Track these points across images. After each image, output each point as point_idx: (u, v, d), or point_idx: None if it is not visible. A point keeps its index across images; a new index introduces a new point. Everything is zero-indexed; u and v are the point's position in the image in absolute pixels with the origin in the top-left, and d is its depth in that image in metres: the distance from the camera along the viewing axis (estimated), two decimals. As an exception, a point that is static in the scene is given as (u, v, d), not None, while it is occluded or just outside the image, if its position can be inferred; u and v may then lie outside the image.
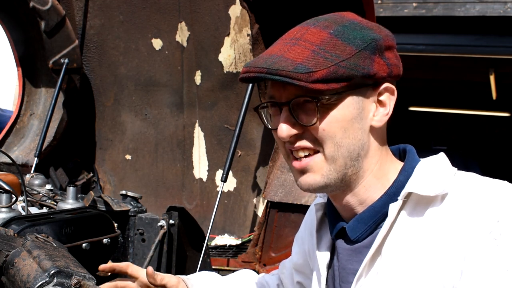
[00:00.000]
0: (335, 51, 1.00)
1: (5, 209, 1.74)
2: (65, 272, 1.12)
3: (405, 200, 1.05)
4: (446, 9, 5.91)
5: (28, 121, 3.56)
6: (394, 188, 1.08)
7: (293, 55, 1.00)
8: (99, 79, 3.51)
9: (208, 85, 3.25)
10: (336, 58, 1.00)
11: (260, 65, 1.01)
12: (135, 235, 2.18)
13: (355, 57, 1.01)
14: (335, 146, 1.04)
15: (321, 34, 1.02)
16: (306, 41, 1.02)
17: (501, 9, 5.71)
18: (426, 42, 6.25)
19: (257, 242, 2.75)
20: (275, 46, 1.05)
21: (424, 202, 1.04)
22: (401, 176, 1.09)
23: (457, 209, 1.00)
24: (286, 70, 0.98)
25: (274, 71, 0.99)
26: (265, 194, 2.71)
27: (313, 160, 1.06)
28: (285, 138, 1.05)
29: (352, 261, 1.12)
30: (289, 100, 1.04)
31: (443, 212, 1.01)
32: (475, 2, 5.80)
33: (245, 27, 3.03)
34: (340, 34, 1.02)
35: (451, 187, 1.02)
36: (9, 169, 2.92)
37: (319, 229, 1.23)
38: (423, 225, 1.02)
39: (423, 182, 1.04)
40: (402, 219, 1.05)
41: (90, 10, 3.38)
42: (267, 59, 1.01)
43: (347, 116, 1.04)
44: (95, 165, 3.60)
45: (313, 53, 1.00)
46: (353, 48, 1.01)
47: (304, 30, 1.05)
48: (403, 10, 6.06)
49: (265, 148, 3.15)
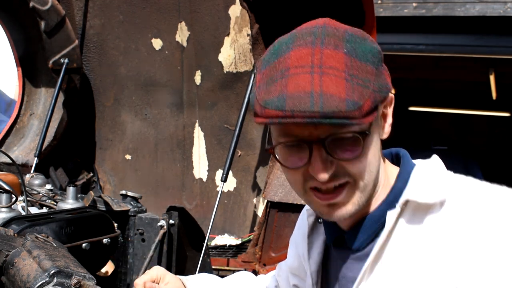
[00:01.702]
0: (362, 74, 0.94)
1: (5, 209, 1.74)
2: (65, 272, 1.13)
3: (403, 207, 1.03)
4: (446, 9, 5.91)
5: (28, 121, 3.56)
6: (392, 195, 1.06)
7: (333, 89, 0.90)
8: (99, 79, 3.51)
9: (208, 85, 3.25)
10: (367, 82, 0.93)
11: (306, 108, 0.89)
12: (135, 235, 2.18)
13: (377, 77, 0.96)
14: (369, 174, 1.00)
15: (339, 56, 0.94)
16: (331, 68, 0.92)
17: (501, 9, 5.71)
18: (426, 42, 6.25)
19: (257, 242, 2.75)
20: (297, 78, 0.93)
21: (423, 209, 1.02)
22: (399, 182, 1.07)
23: (457, 216, 0.97)
24: (341, 111, 0.89)
25: (330, 114, 0.89)
26: (265, 194, 2.71)
27: (347, 193, 1.00)
28: (325, 179, 0.97)
29: (352, 268, 1.10)
30: (322, 138, 0.94)
31: (442, 219, 0.99)
32: (475, 2, 5.80)
33: (245, 27, 3.03)
34: (354, 53, 0.95)
35: (449, 193, 1.00)
36: (9, 169, 2.92)
37: (310, 234, 1.22)
38: (422, 232, 1.01)
39: (421, 188, 1.02)
40: (401, 226, 1.03)
41: (90, 10, 3.38)
42: (310, 99, 0.90)
43: (376, 140, 1.01)
44: (95, 165, 3.60)
45: (348, 81, 0.92)
46: (371, 67, 0.95)
47: (318, 54, 0.94)
48: (403, 10, 6.06)
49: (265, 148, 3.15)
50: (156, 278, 1.24)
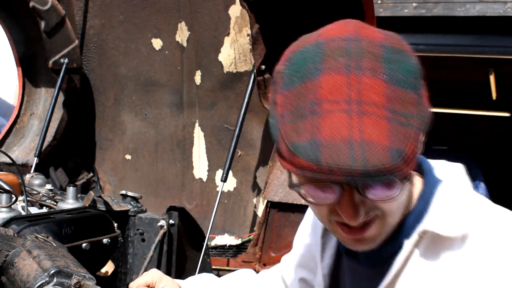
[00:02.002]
0: (404, 108, 0.81)
1: (5, 209, 1.74)
2: (65, 272, 1.12)
3: (421, 235, 0.94)
4: (446, 9, 5.91)
5: (28, 121, 3.56)
6: (411, 220, 0.96)
7: (375, 135, 0.77)
8: (99, 79, 3.51)
9: (208, 85, 3.25)
10: (410, 119, 0.81)
11: (346, 164, 0.76)
12: (135, 235, 2.18)
13: (419, 105, 0.83)
14: (399, 210, 0.92)
15: (378, 86, 0.80)
16: (370, 104, 0.79)
17: (501, 9, 5.71)
18: (426, 42, 6.24)
19: (257, 242, 2.75)
20: (333, 118, 0.79)
21: (442, 241, 0.92)
22: (420, 206, 0.96)
23: (480, 257, 0.88)
24: (386, 167, 0.77)
25: (373, 171, 0.77)
26: (265, 194, 2.70)
27: (373, 228, 0.90)
28: (356, 224, 0.87)
29: (365, 285, 1.04)
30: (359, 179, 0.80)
31: (464, 258, 0.89)
32: (475, 2, 5.80)
33: (245, 27, 3.03)
34: (394, 77, 0.82)
35: (473, 226, 0.90)
36: (9, 169, 2.92)
37: (324, 235, 1.15)
38: (440, 268, 0.92)
39: (442, 218, 0.92)
40: (416, 257, 0.95)
41: (90, 10, 3.38)
42: (349, 151, 0.77)
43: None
44: (95, 165, 3.60)
45: (390, 121, 0.79)
46: (413, 94, 0.82)
47: (355, 84, 0.80)
48: (403, 10, 6.06)
49: (265, 148, 3.15)
50: (152, 282, 1.21)
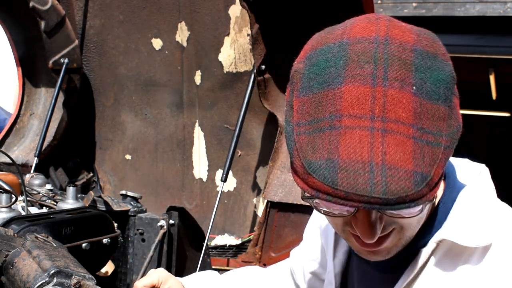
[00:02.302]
0: (433, 124, 0.74)
1: (5, 209, 1.74)
2: (65, 272, 1.12)
3: (439, 243, 0.88)
4: (446, 9, 5.91)
5: (28, 121, 3.56)
6: (429, 226, 0.90)
7: (398, 158, 0.70)
8: (99, 79, 3.51)
9: (208, 85, 3.25)
10: (439, 137, 0.74)
11: (364, 192, 0.70)
12: (135, 235, 2.18)
13: (450, 120, 0.76)
14: (418, 224, 0.86)
15: (406, 100, 0.73)
16: (396, 122, 0.71)
17: (501, 9, 5.71)
18: (426, 42, 6.25)
19: (257, 242, 2.75)
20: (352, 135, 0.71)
21: (461, 250, 0.86)
22: (440, 212, 0.90)
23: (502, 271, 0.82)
24: (408, 195, 0.71)
25: (394, 200, 0.70)
26: (265, 194, 2.70)
27: (389, 240, 0.85)
28: (372, 241, 0.82)
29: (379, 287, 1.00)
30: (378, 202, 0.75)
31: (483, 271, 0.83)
32: (475, 2, 5.80)
33: (245, 27, 3.03)
34: (423, 88, 0.74)
35: (496, 237, 0.84)
36: (9, 169, 2.92)
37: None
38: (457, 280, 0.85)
39: (462, 227, 0.86)
40: (433, 265, 0.89)
41: (90, 10, 3.38)
42: (368, 177, 0.70)
43: None
44: (95, 165, 3.60)
45: (417, 142, 0.72)
46: (444, 108, 0.75)
47: (380, 97, 0.72)
48: (403, 10, 6.06)
49: (265, 148, 3.14)
50: (158, 282, 1.18)
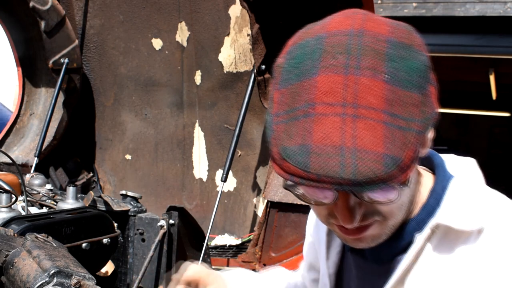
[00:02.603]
0: (405, 110, 0.76)
1: (5, 209, 1.74)
2: (65, 272, 1.12)
3: (434, 229, 0.90)
4: (446, 9, 5.91)
5: (28, 121, 3.56)
6: (423, 214, 0.92)
7: (369, 142, 0.73)
8: (99, 79, 3.51)
9: (208, 85, 3.25)
10: (411, 122, 0.76)
11: (335, 174, 0.73)
12: (135, 235, 2.18)
13: (423, 106, 0.78)
14: (400, 211, 0.88)
15: (377, 88, 0.75)
16: (367, 108, 0.74)
17: (501, 9, 5.71)
18: (426, 42, 6.23)
19: (257, 242, 2.75)
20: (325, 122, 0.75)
21: (456, 235, 0.89)
22: (431, 199, 0.93)
23: (497, 252, 0.84)
24: (378, 176, 0.73)
25: (363, 181, 0.73)
26: (265, 194, 2.70)
27: (372, 229, 0.88)
28: (353, 227, 0.85)
29: (373, 282, 1.00)
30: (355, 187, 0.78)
31: (479, 252, 0.86)
32: (475, 2, 5.80)
33: (245, 27, 3.03)
34: (397, 77, 0.77)
35: (489, 221, 0.87)
36: (9, 169, 2.92)
37: (329, 232, 1.10)
38: (453, 263, 0.88)
39: (456, 211, 0.89)
40: (428, 251, 0.91)
41: (90, 10, 3.38)
42: (339, 160, 0.73)
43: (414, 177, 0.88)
44: (95, 165, 3.60)
45: (388, 127, 0.74)
46: (417, 95, 0.77)
47: (352, 84, 0.75)
48: (403, 10, 6.06)
49: (265, 148, 3.14)
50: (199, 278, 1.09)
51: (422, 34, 0.88)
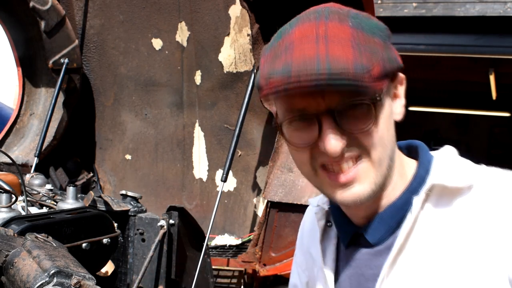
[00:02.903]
0: (370, 44, 0.88)
1: (5, 209, 1.74)
2: (65, 272, 1.12)
3: (429, 193, 0.97)
4: (446, 9, 5.91)
5: (28, 121, 3.56)
6: (415, 183, 1.00)
7: (340, 53, 0.85)
8: (99, 79, 3.51)
9: (208, 85, 3.25)
10: (376, 50, 0.88)
11: (312, 70, 0.83)
12: (135, 235, 2.18)
13: (386, 49, 0.91)
14: (383, 148, 0.94)
15: (344, 28, 0.88)
16: (337, 37, 0.87)
17: (501, 9, 5.71)
18: (426, 42, 6.24)
19: (257, 242, 2.75)
20: (302, 47, 0.87)
21: (449, 193, 0.96)
22: (421, 170, 1.01)
23: (494, 197, 0.93)
24: (350, 72, 0.83)
25: (338, 75, 0.83)
26: (265, 194, 2.70)
27: (361, 169, 0.93)
28: (337, 153, 0.90)
29: (372, 265, 1.02)
30: (331, 109, 0.89)
31: (474, 202, 0.94)
32: (475, 2, 5.80)
33: (245, 27, 3.03)
34: (360, 26, 0.90)
35: (477, 178, 0.96)
36: (9, 169, 2.92)
37: (322, 240, 1.13)
38: (451, 217, 0.95)
39: (447, 173, 0.97)
40: (426, 213, 0.97)
41: (90, 10, 3.38)
42: (316, 61, 0.84)
43: (388, 113, 0.95)
44: (95, 165, 3.60)
45: (355, 49, 0.86)
46: (379, 40, 0.91)
47: (322, 26, 0.89)
48: (403, 10, 6.06)
49: (265, 148, 3.15)
50: None
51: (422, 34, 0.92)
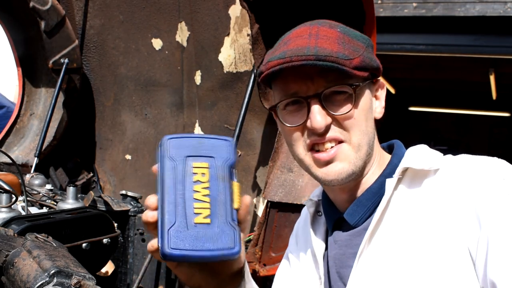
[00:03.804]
0: (353, 45, 1.08)
1: (5, 209, 1.74)
2: (65, 272, 1.13)
3: (400, 177, 1.11)
4: (446, 9, 5.91)
5: (28, 121, 3.56)
6: (388, 169, 1.16)
7: (327, 45, 1.05)
8: (99, 79, 3.51)
9: (208, 85, 3.25)
10: (358, 50, 1.07)
11: (302, 53, 1.03)
12: (135, 235, 2.18)
13: (366, 51, 1.09)
14: (362, 134, 1.10)
15: (333, 31, 1.09)
16: (326, 36, 1.07)
17: (501, 9, 5.71)
18: (426, 42, 6.24)
19: (257, 242, 2.75)
20: (297, 40, 1.08)
21: (418, 177, 1.10)
22: (394, 159, 1.18)
23: (456, 177, 1.05)
24: (333, 56, 1.02)
25: (323, 57, 1.02)
26: (265, 194, 2.70)
27: (341, 149, 1.10)
28: (321, 128, 1.07)
29: (352, 244, 1.14)
30: (319, 92, 1.07)
31: (439, 182, 1.06)
32: (475, 2, 5.80)
33: (245, 27, 3.03)
34: (347, 32, 1.10)
35: (443, 162, 1.10)
36: (9, 169, 2.92)
37: (313, 223, 1.28)
38: (420, 197, 1.08)
39: (416, 158, 1.12)
40: (399, 195, 1.10)
41: (90, 10, 3.38)
42: (306, 48, 1.04)
43: (367, 106, 1.12)
44: (95, 165, 3.60)
45: (340, 44, 1.06)
46: (362, 44, 1.10)
47: (315, 28, 1.09)
48: (403, 10, 6.06)
49: (265, 148, 3.14)
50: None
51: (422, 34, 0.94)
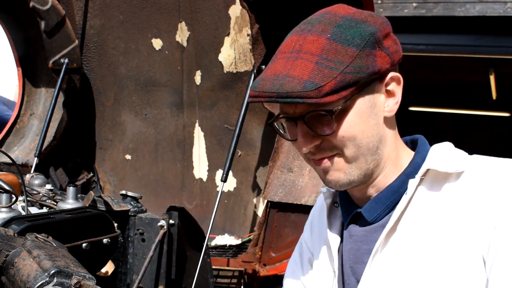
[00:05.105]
0: (337, 57, 1.00)
1: (5, 209, 1.74)
2: (65, 272, 1.12)
3: (422, 178, 1.08)
4: (446, 9, 5.90)
5: (28, 121, 3.56)
6: (411, 168, 1.12)
7: (298, 72, 1.00)
8: (99, 79, 3.51)
9: (208, 85, 3.25)
10: (340, 65, 1.00)
11: (268, 89, 1.01)
12: (135, 235, 2.18)
13: (358, 59, 1.01)
14: (355, 147, 1.06)
15: (319, 42, 1.02)
16: (307, 53, 1.02)
17: (501, 9, 5.71)
18: (426, 42, 6.24)
19: (257, 242, 2.75)
20: (277, 63, 1.05)
21: (441, 179, 1.06)
22: (417, 157, 1.13)
23: (479, 182, 1.02)
24: (295, 91, 0.98)
25: (284, 94, 0.99)
26: (265, 194, 2.70)
27: (334, 161, 1.08)
28: (306, 150, 1.08)
29: (368, 241, 1.13)
30: (303, 115, 1.05)
31: (462, 186, 1.03)
32: (475, 2, 5.80)
33: (245, 27, 3.03)
34: (338, 37, 1.02)
35: (467, 165, 1.05)
36: (9, 169, 2.92)
37: (329, 215, 1.25)
38: (441, 199, 1.05)
39: (440, 160, 1.07)
40: (419, 195, 1.07)
41: (90, 10, 3.38)
42: (274, 81, 1.01)
43: (362, 117, 1.06)
44: (95, 165, 3.60)
45: (317, 65, 1.00)
46: (354, 50, 1.01)
47: (302, 40, 1.04)
48: (403, 10, 6.06)
49: (265, 148, 3.15)
50: None
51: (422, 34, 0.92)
